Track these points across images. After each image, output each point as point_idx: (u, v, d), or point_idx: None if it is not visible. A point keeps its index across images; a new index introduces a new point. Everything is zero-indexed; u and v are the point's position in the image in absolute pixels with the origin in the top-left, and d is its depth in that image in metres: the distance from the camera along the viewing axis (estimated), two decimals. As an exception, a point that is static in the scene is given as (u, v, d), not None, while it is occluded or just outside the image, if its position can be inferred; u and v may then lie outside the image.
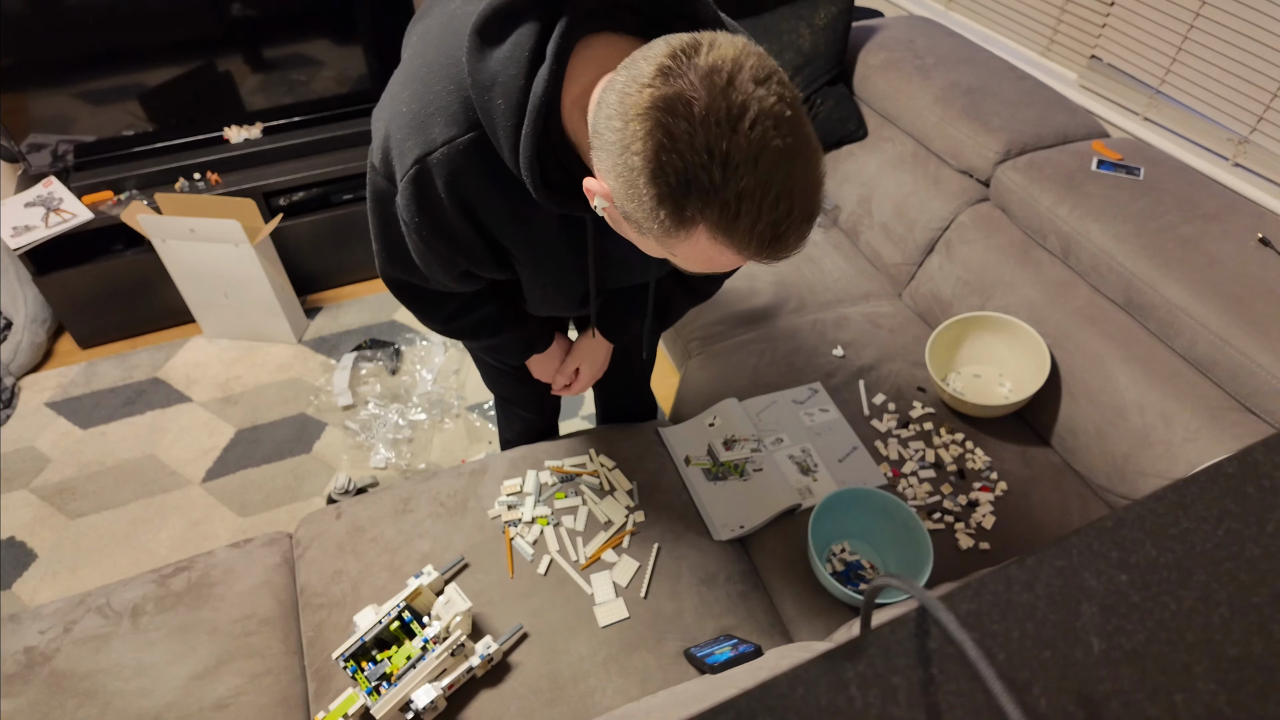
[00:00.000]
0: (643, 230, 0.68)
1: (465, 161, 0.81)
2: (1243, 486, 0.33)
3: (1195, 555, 0.31)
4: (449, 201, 0.84)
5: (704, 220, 0.63)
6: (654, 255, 0.76)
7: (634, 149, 0.62)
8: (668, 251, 0.70)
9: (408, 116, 0.81)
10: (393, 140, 0.83)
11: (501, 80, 0.73)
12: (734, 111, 0.59)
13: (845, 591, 1.22)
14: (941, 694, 0.27)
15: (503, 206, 0.87)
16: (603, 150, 0.66)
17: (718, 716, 0.27)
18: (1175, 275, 1.43)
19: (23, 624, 1.26)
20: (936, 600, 0.28)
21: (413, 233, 0.89)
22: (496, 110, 0.74)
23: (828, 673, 0.28)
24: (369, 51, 2.37)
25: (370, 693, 1.10)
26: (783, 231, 0.64)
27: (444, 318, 1.10)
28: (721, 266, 0.70)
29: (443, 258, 0.93)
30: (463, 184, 0.82)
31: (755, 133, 0.60)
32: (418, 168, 0.81)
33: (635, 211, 0.66)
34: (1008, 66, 1.96)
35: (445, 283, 1.01)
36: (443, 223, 0.86)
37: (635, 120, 0.61)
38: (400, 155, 0.83)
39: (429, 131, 0.80)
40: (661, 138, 0.60)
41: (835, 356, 1.72)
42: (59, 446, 2.10)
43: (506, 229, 0.90)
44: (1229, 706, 0.26)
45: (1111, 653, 0.28)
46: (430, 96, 0.80)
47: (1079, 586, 0.30)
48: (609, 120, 0.64)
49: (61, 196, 2.16)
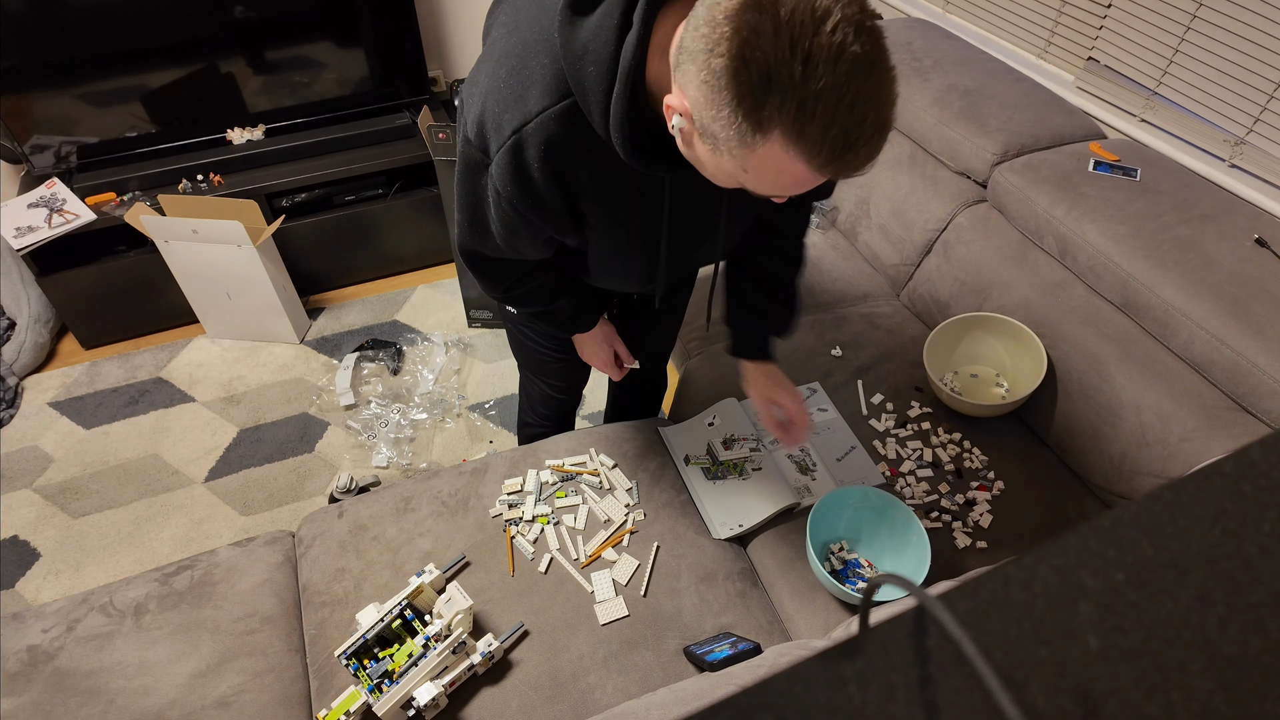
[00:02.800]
0: (718, 144, 0.71)
1: (558, 128, 0.84)
2: (1239, 486, 0.33)
3: (1192, 554, 0.31)
4: (541, 168, 0.87)
5: (780, 122, 0.65)
6: (722, 181, 0.79)
7: (718, 50, 0.65)
8: (739, 167, 0.72)
9: (505, 91, 0.85)
10: (488, 114, 0.87)
11: (592, 48, 0.77)
12: (818, 14, 0.62)
13: (843, 590, 1.23)
14: (939, 692, 0.27)
15: (589, 171, 0.90)
16: (688, 63, 0.69)
17: (717, 714, 0.28)
18: (1172, 276, 1.43)
19: (26, 623, 1.26)
20: (934, 598, 0.29)
21: (504, 201, 0.93)
22: (588, 77, 0.78)
23: (826, 670, 0.28)
24: (371, 54, 2.37)
25: (372, 690, 1.11)
26: (854, 139, 0.66)
27: (506, 285, 1.14)
28: (790, 181, 0.72)
29: (530, 225, 0.96)
30: (555, 150, 0.86)
31: (836, 36, 0.62)
32: (515, 138, 0.85)
33: (713, 121, 0.69)
34: (1005, 68, 1.96)
35: (522, 250, 1.04)
36: (534, 190, 0.90)
37: (723, 23, 0.64)
38: (497, 128, 0.86)
39: (525, 104, 0.84)
40: (747, 35, 0.63)
41: (834, 356, 1.72)
42: (62, 446, 2.11)
43: (590, 194, 0.94)
44: (1226, 705, 0.26)
45: (1108, 651, 0.28)
46: (526, 71, 0.84)
47: (1076, 585, 0.30)
48: (695, 30, 0.67)
49: (65, 197, 2.17)
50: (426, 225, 2.56)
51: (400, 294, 2.58)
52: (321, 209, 2.43)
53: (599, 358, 1.35)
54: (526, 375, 1.55)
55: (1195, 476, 0.34)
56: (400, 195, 2.49)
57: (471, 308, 2.42)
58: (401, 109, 2.51)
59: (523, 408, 1.65)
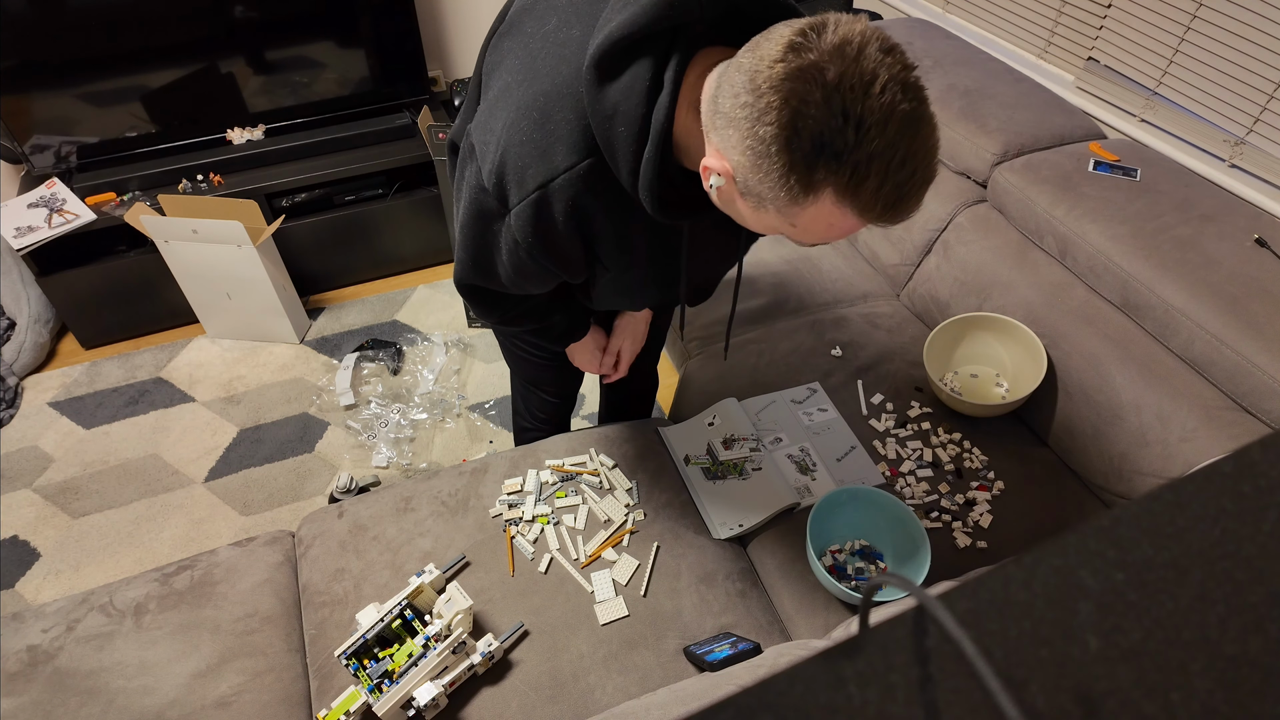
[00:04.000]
0: (763, 202, 0.71)
1: (584, 185, 0.85)
2: (1239, 486, 0.33)
3: (1192, 554, 0.31)
4: (564, 222, 0.88)
5: (832, 184, 0.66)
6: (764, 231, 0.80)
7: (767, 119, 0.65)
8: (788, 222, 0.73)
9: (528, 145, 0.85)
10: (509, 166, 0.86)
11: (622, 109, 0.77)
12: (866, 78, 0.63)
13: (843, 590, 1.23)
14: (939, 692, 0.27)
15: (611, 223, 0.91)
16: (729, 129, 0.69)
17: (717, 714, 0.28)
18: (1172, 276, 1.43)
19: (26, 623, 1.26)
20: (934, 598, 0.29)
21: (521, 250, 0.93)
22: (618, 137, 0.79)
23: (826, 670, 0.28)
24: (371, 54, 2.37)
25: (372, 690, 1.11)
26: (905, 193, 0.67)
27: (501, 313, 1.15)
28: (839, 233, 0.73)
29: (545, 272, 0.97)
30: (580, 205, 0.87)
31: (885, 98, 0.63)
32: (540, 193, 0.85)
33: (759, 184, 0.69)
34: (1005, 68, 1.96)
35: (527, 289, 1.05)
36: (554, 241, 0.91)
37: (769, 93, 0.64)
38: (519, 181, 0.86)
39: (552, 159, 0.84)
40: (798, 105, 0.64)
41: (834, 356, 1.72)
42: (62, 446, 2.11)
43: (609, 243, 0.95)
44: (1225, 704, 0.26)
45: (1108, 651, 0.28)
46: (550, 126, 0.83)
47: (1076, 585, 0.30)
48: (735, 98, 0.67)
49: (65, 197, 2.17)
50: (426, 225, 2.56)
51: (400, 294, 2.58)
52: (321, 209, 2.43)
53: (591, 363, 1.35)
54: (521, 382, 1.55)
55: (1195, 476, 0.33)
56: (400, 195, 2.49)
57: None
58: (401, 109, 2.51)
59: (517, 411, 1.65)
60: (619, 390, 1.68)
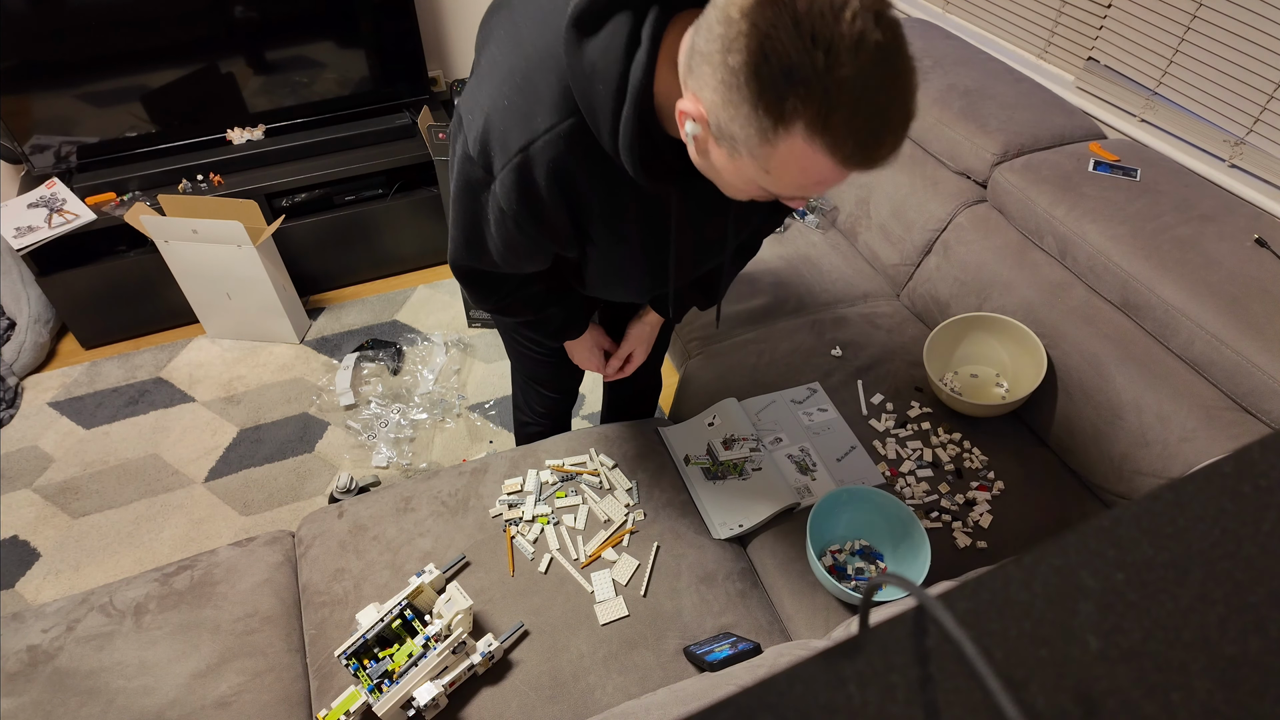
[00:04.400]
0: (736, 146, 0.70)
1: (566, 146, 0.84)
2: (1239, 486, 0.33)
3: (1192, 554, 0.31)
4: (547, 186, 0.87)
5: (803, 114, 0.64)
6: (741, 191, 0.79)
7: (736, 47, 0.64)
8: (760, 168, 0.71)
9: (510, 109, 0.84)
10: (493, 131, 0.86)
11: (600, 67, 0.76)
12: (836, 5, 0.62)
13: (843, 590, 1.23)
14: (939, 692, 0.27)
15: (596, 189, 0.90)
16: (701, 65, 0.68)
17: (717, 714, 0.28)
18: (1172, 276, 1.43)
19: (26, 623, 1.26)
20: (934, 599, 0.29)
21: (508, 219, 0.92)
22: (597, 96, 0.78)
23: (826, 671, 0.28)
24: (371, 54, 2.37)
25: (372, 690, 1.11)
26: (878, 128, 0.65)
27: (497, 298, 1.13)
28: (813, 180, 0.71)
29: (532, 243, 0.96)
30: (562, 168, 0.86)
31: (856, 24, 0.62)
32: (521, 156, 0.84)
33: (731, 121, 0.68)
34: (1005, 68, 1.96)
35: (519, 266, 1.04)
36: (539, 207, 0.89)
37: (740, 20, 0.63)
38: (503, 146, 0.85)
39: (532, 121, 0.83)
40: (766, 29, 0.62)
41: (834, 356, 1.72)
42: (62, 446, 2.11)
43: (595, 212, 0.93)
44: (1225, 704, 0.26)
45: (1109, 651, 0.28)
46: (532, 89, 0.83)
47: (1076, 585, 0.30)
48: (708, 32, 0.66)
49: (64, 197, 2.17)
50: (426, 225, 2.56)
51: (400, 294, 2.58)
52: (321, 209, 2.43)
53: (590, 362, 1.35)
54: (521, 377, 1.55)
55: (1195, 476, 0.34)
56: (400, 195, 2.49)
57: (471, 308, 2.42)
58: (401, 109, 2.51)
59: (519, 406, 1.65)
60: (621, 388, 1.68)
